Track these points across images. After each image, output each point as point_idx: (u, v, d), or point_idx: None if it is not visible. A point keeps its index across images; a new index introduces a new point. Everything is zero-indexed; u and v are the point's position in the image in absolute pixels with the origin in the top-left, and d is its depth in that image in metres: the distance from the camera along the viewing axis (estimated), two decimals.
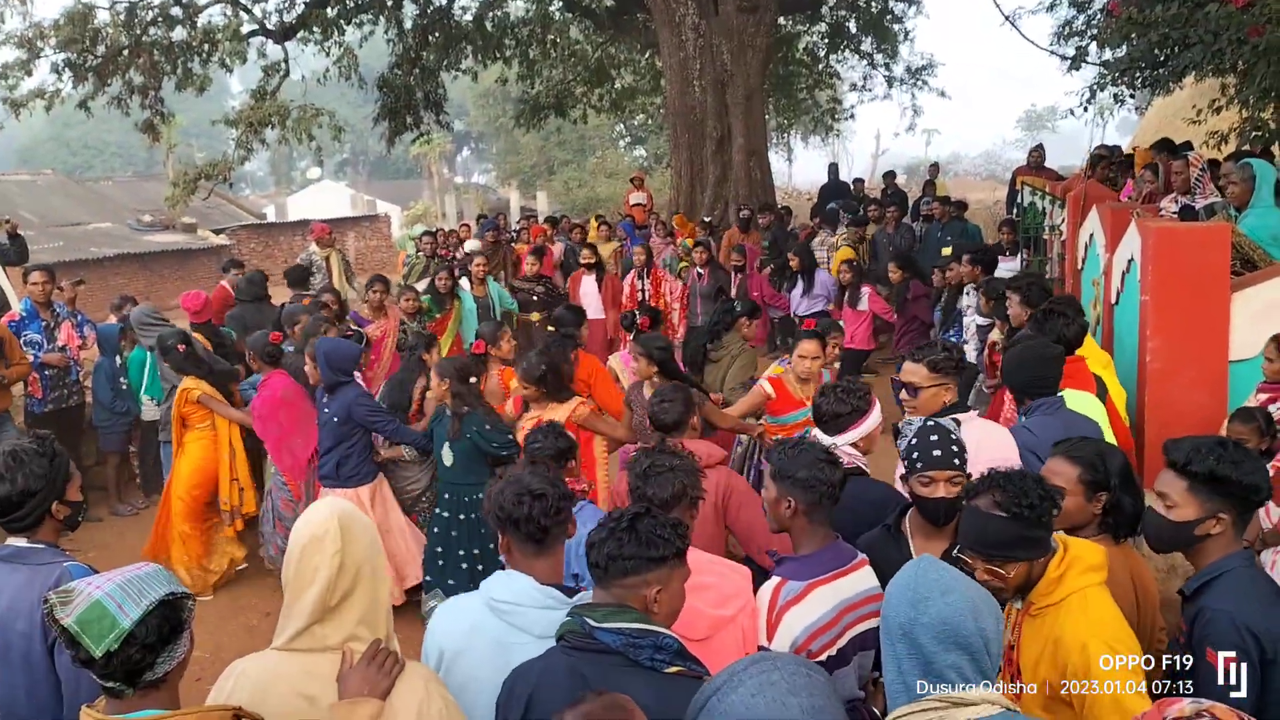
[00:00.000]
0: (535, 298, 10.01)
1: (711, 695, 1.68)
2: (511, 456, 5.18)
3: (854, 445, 3.74)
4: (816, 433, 3.76)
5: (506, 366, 6.33)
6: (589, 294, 10.30)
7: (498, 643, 2.48)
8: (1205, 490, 2.59)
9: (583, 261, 10.56)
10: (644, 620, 2.23)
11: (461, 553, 5.34)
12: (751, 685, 1.65)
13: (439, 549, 5.41)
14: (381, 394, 6.42)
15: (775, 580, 2.84)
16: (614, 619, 2.21)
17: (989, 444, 3.53)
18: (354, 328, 7.30)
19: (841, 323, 7.50)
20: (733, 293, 10.09)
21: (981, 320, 7.67)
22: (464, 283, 9.56)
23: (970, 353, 7.66)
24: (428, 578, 5.48)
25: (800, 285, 10.25)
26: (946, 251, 9.88)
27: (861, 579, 2.86)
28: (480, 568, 5.23)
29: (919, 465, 3.00)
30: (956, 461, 2.97)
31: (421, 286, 9.60)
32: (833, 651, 2.72)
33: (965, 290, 8.34)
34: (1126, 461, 3.02)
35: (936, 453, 2.97)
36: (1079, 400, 4.27)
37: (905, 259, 9.28)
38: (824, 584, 2.78)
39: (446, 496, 5.47)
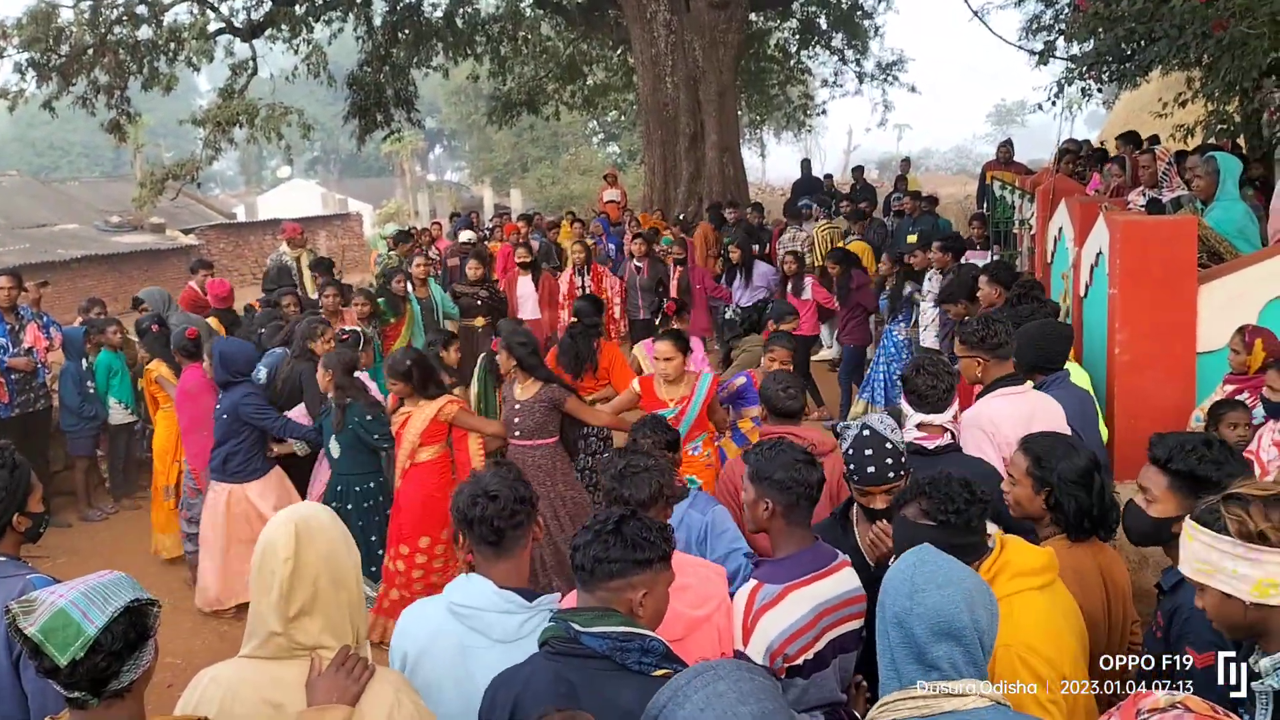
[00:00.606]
0: (479, 302, 9.57)
1: (659, 713, 1.66)
2: (388, 450, 5.50)
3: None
4: (907, 408, 3.61)
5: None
6: (526, 294, 10.07)
7: (458, 646, 2.46)
8: (1186, 488, 2.60)
9: (518, 261, 10.29)
10: (630, 623, 2.20)
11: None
12: (699, 699, 1.62)
13: None
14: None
15: (751, 583, 2.81)
16: (600, 623, 2.18)
17: (1042, 415, 3.76)
18: (350, 330, 7.27)
19: (793, 306, 7.73)
20: (672, 287, 10.21)
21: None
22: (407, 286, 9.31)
23: (930, 338, 8.23)
24: None
25: (739, 278, 10.47)
26: (912, 239, 9.96)
27: (841, 581, 2.83)
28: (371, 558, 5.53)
29: (855, 480, 3.05)
30: (891, 475, 2.99)
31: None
32: (810, 655, 2.70)
33: (928, 276, 8.49)
34: (1090, 463, 2.94)
35: (871, 469, 3.00)
36: (1076, 374, 4.52)
37: (842, 253, 9.54)
38: (801, 587, 2.75)
39: (339, 488, 5.65)
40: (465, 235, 12.88)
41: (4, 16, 14.78)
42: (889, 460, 2.99)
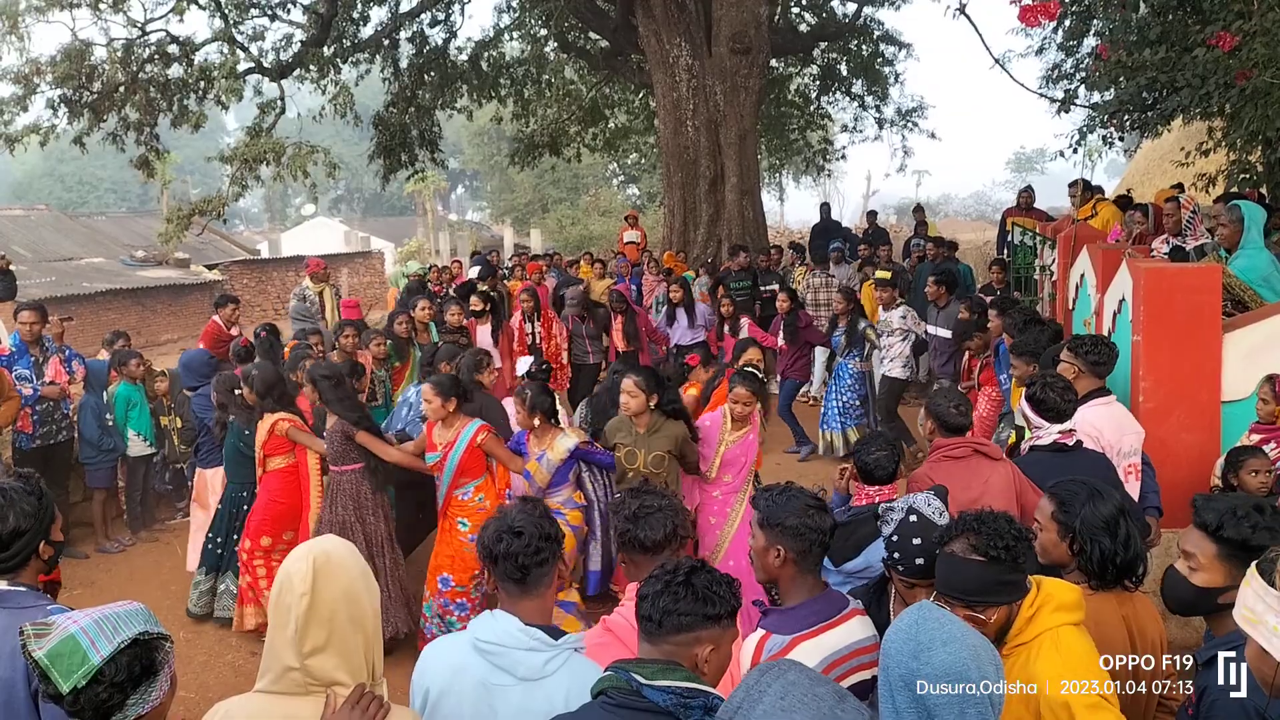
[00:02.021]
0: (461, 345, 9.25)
1: (734, 714, 1.64)
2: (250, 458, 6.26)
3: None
4: (1037, 419, 4.23)
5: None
6: (483, 343, 9.54)
7: (481, 684, 2.43)
8: (1236, 557, 2.47)
9: (473, 309, 9.81)
10: (694, 679, 2.12)
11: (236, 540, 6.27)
12: (776, 690, 1.63)
13: (219, 538, 6.49)
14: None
15: (759, 633, 2.76)
16: (664, 676, 2.10)
17: (1129, 423, 4.68)
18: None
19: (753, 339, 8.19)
20: (615, 334, 10.42)
21: (944, 332, 8.92)
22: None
23: (896, 369, 9.02)
24: (203, 565, 6.54)
25: (682, 318, 10.78)
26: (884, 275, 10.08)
27: (851, 631, 2.77)
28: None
29: (900, 569, 2.90)
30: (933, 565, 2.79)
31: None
32: None
33: (899, 309, 9.15)
34: (1116, 509, 2.86)
35: (920, 561, 2.82)
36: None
37: (791, 293, 10.07)
38: (810, 638, 2.69)
39: (229, 494, 6.52)
40: (472, 272, 12.84)
41: (39, 54, 15.09)
42: (935, 549, 2.73)
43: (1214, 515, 2.54)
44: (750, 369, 5.87)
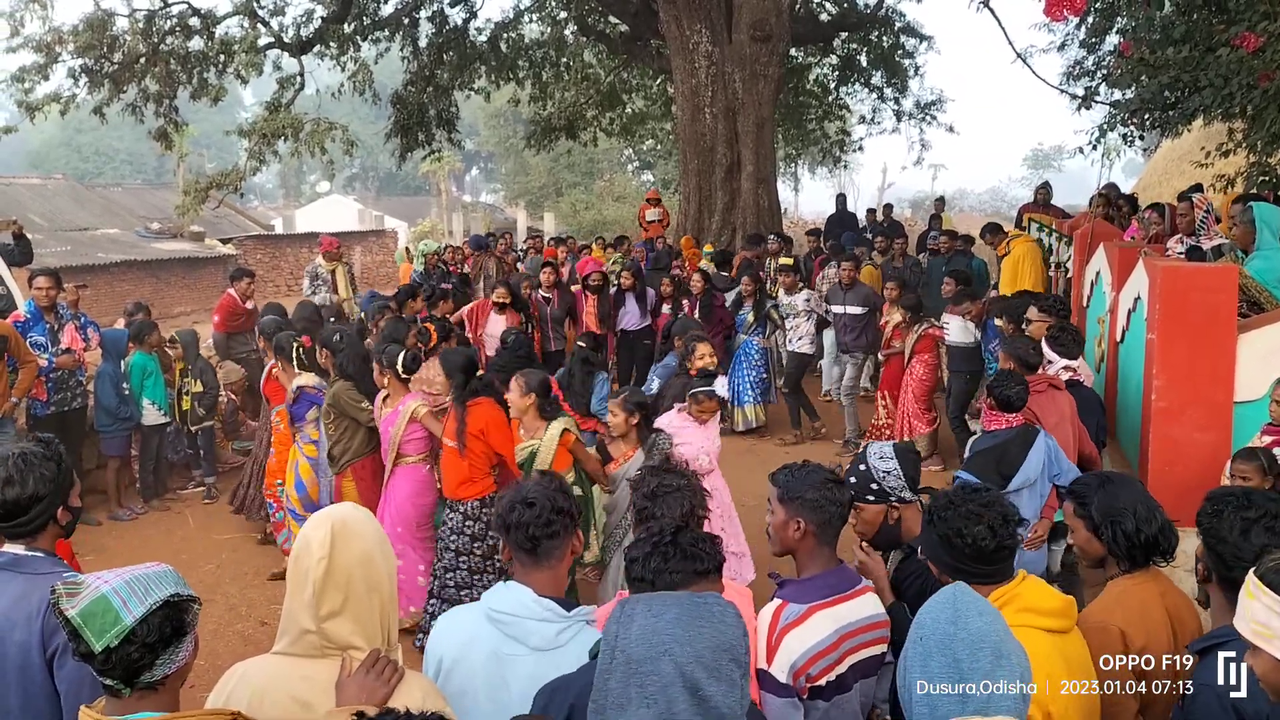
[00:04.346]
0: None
1: (615, 641, 1.73)
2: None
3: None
4: (1051, 354, 5.66)
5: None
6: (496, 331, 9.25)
7: (494, 653, 2.46)
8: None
9: (496, 300, 9.94)
10: None
11: None
12: (641, 608, 1.74)
13: None
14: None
15: (776, 602, 2.81)
16: None
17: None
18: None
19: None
20: (587, 315, 10.62)
21: (855, 309, 9.56)
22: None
23: (805, 346, 9.83)
24: None
25: (633, 305, 10.91)
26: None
27: (863, 605, 2.82)
28: None
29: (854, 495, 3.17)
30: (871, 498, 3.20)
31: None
32: (832, 676, 2.68)
33: (798, 295, 9.87)
34: (1130, 489, 2.91)
35: (870, 498, 3.17)
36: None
37: (704, 273, 10.50)
38: (825, 608, 2.75)
39: None
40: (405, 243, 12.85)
41: (61, 23, 15.12)
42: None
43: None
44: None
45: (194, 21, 15.90)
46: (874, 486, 3.18)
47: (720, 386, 5.81)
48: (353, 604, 2.21)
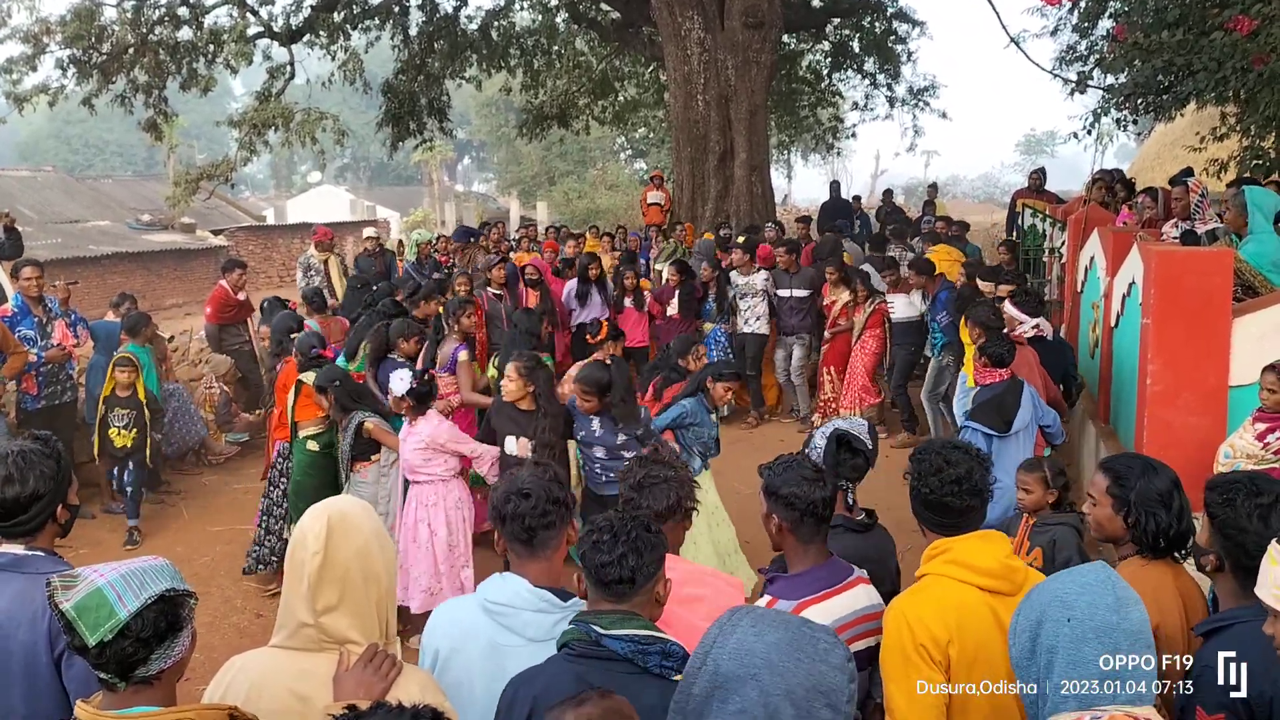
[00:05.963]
0: None
1: (710, 649, 1.70)
2: None
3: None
4: (1019, 315, 6.44)
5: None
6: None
7: (490, 644, 2.46)
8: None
9: (528, 279, 10.04)
10: (650, 627, 2.23)
11: None
12: (747, 622, 1.70)
13: None
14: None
15: (765, 599, 2.80)
16: (622, 626, 2.20)
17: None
18: None
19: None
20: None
21: (801, 292, 9.90)
22: None
23: (762, 327, 10.10)
24: None
25: (596, 297, 10.62)
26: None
27: (856, 598, 2.81)
28: None
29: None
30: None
31: None
32: None
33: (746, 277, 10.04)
34: (1171, 483, 2.89)
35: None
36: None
37: (681, 265, 10.50)
38: (814, 604, 2.73)
39: None
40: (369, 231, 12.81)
41: (48, 14, 14.99)
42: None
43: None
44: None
45: (183, 11, 15.77)
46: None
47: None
48: (349, 599, 2.20)
